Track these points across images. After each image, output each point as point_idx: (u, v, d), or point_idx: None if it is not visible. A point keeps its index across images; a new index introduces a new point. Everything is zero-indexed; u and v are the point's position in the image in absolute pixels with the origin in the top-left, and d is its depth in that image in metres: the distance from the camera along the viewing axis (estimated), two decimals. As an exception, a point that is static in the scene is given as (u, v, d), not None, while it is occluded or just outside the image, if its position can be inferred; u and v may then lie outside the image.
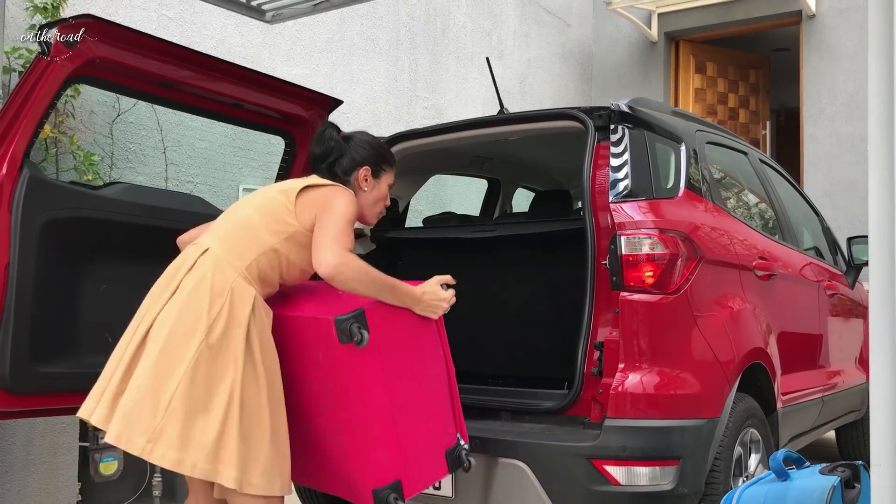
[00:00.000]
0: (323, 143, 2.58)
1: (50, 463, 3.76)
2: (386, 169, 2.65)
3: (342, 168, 2.56)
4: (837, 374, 4.29)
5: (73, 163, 4.03)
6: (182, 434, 2.15)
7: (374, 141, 2.67)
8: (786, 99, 10.62)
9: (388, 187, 2.66)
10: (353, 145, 2.59)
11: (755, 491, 2.32)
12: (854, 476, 2.31)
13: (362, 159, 2.58)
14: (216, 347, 2.21)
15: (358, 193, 2.54)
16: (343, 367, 2.29)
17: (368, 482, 2.33)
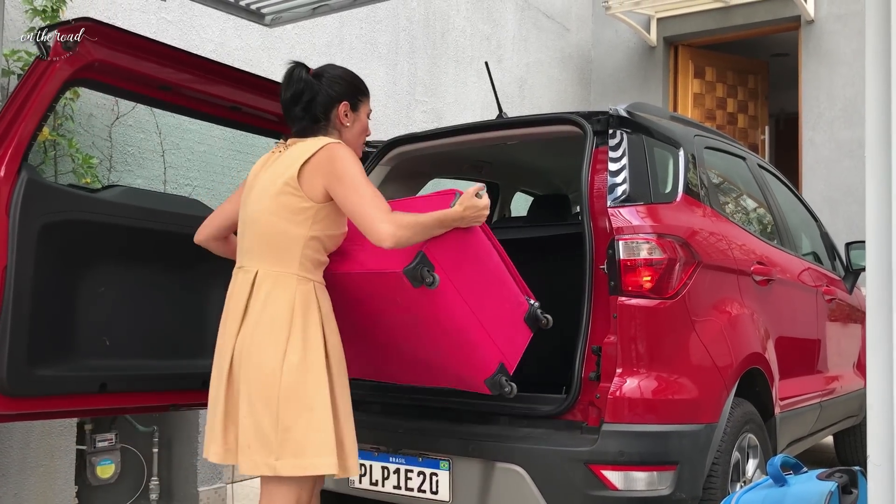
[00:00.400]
0: (292, 84, 2.50)
1: (47, 466, 3.76)
2: (362, 99, 2.59)
3: (319, 108, 2.49)
4: (835, 379, 4.29)
5: (72, 165, 4.03)
6: (300, 442, 2.28)
7: (346, 73, 2.58)
8: (785, 104, 10.64)
9: (368, 115, 2.63)
10: (325, 82, 2.51)
11: (753, 496, 2.32)
12: (851, 482, 2.31)
13: (338, 94, 2.51)
14: (303, 351, 2.31)
15: (341, 130, 2.52)
16: (423, 304, 2.45)
17: (478, 376, 2.55)
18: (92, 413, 3.32)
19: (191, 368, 3.13)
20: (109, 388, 2.87)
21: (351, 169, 2.34)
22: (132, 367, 2.97)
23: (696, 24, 8.59)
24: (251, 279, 2.40)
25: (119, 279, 2.97)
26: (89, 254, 2.88)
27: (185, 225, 3.08)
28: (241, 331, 2.37)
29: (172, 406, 3.15)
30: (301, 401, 2.29)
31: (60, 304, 2.79)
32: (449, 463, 2.86)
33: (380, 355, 2.79)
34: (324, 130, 2.49)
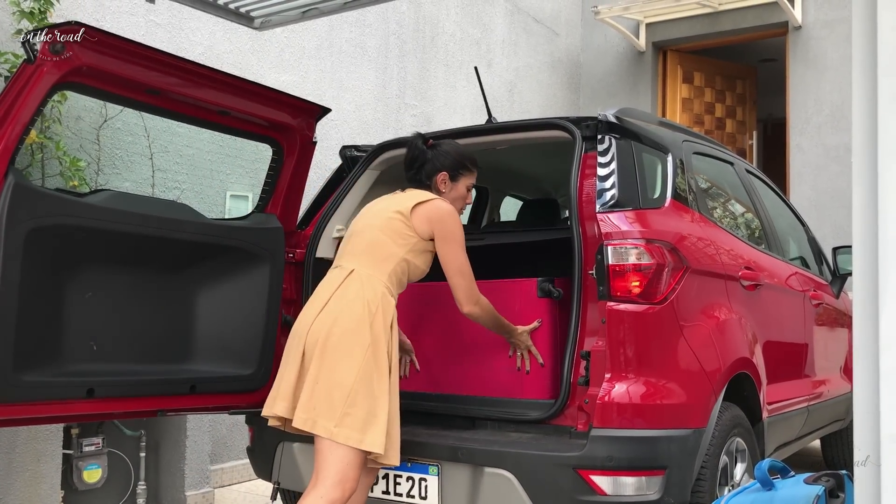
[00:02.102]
0: (410, 151, 3.06)
1: (33, 471, 3.74)
2: (463, 173, 3.06)
3: (425, 173, 3.02)
4: (822, 383, 4.31)
5: (60, 168, 4.01)
6: (364, 419, 2.63)
7: (454, 149, 3.07)
8: (772, 109, 10.69)
9: (467, 188, 3.08)
10: (435, 154, 3.03)
11: (741, 500, 2.33)
12: (838, 485, 2.31)
13: (441, 166, 3.01)
14: (374, 346, 2.71)
15: (440, 195, 3.00)
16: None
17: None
18: (79, 419, 3.30)
19: (179, 374, 3.12)
20: (97, 393, 2.86)
21: (459, 232, 2.90)
22: (120, 373, 2.95)
23: (685, 30, 8.63)
24: (344, 275, 2.82)
25: (107, 284, 2.95)
26: (76, 258, 2.86)
27: (173, 229, 3.07)
28: (321, 315, 2.74)
29: (160, 412, 3.13)
30: (370, 388, 2.66)
31: (47, 309, 2.77)
32: (438, 468, 2.86)
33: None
34: (428, 190, 3.01)
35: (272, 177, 3.47)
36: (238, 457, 5.02)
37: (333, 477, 2.60)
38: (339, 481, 2.60)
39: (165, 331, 3.12)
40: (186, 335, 3.19)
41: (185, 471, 4.30)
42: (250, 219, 3.40)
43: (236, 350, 3.27)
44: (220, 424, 4.90)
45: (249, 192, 5.19)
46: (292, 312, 3.46)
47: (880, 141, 1.47)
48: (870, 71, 1.50)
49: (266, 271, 3.32)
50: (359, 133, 6.09)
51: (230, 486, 4.93)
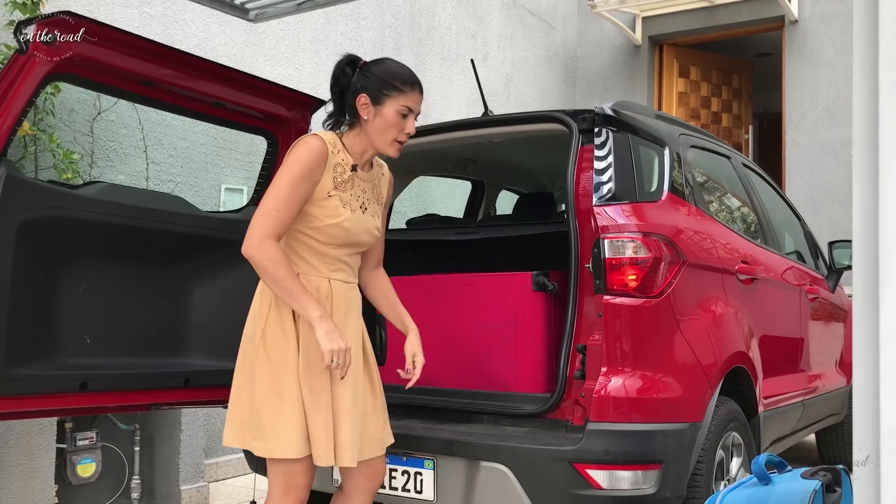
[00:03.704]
0: (333, 73, 2.52)
1: (26, 465, 3.72)
2: (389, 93, 2.45)
3: (347, 102, 2.49)
4: (818, 377, 4.31)
5: (53, 161, 3.99)
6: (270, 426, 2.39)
7: (380, 66, 2.50)
8: (768, 103, 10.69)
9: (399, 112, 2.46)
10: (358, 75, 2.48)
11: (737, 495, 2.32)
12: (835, 480, 2.31)
13: (361, 87, 2.46)
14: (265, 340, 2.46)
15: (364, 124, 2.48)
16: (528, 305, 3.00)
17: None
18: (72, 412, 3.28)
19: (173, 367, 3.11)
20: (90, 387, 2.84)
21: (290, 165, 2.37)
22: (113, 366, 2.94)
23: (681, 24, 8.61)
24: None
25: (100, 277, 2.93)
26: (70, 251, 2.84)
27: (168, 222, 3.05)
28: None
29: (154, 405, 3.12)
30: (270, 388, 2.40)
31: (40, 302, 2.75)
32: (433, 462, 2.85)
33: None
34: (350, 123, 2.52)
35: (267, 169, 3.45)
36: (233, 451, 5.01)
37: (278, 490, 2.44)
38: (283, 493, 2.43)
39: (159, 324, 3.11)
40: (180, 328, 3.17)
41: (179, 465, 4.28)
42: (245, 212, 3.38)
43: (230, 343, 3.25)
44: (214, 418, 4.89)
45: (244, 185, 5.16)
46: (287, 306, 3.45)
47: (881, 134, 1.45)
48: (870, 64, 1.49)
49: (261, 264, 3.30)
50: (354, 126, 6.06)
51: (225, 481, 4.92)
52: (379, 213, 2.61)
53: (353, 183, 2.49)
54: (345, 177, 2.47)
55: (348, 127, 2.52)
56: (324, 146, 2.41)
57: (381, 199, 2.63)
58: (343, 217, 2.43)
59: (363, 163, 2.54)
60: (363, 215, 2.50)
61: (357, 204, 2.49)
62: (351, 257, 2.54)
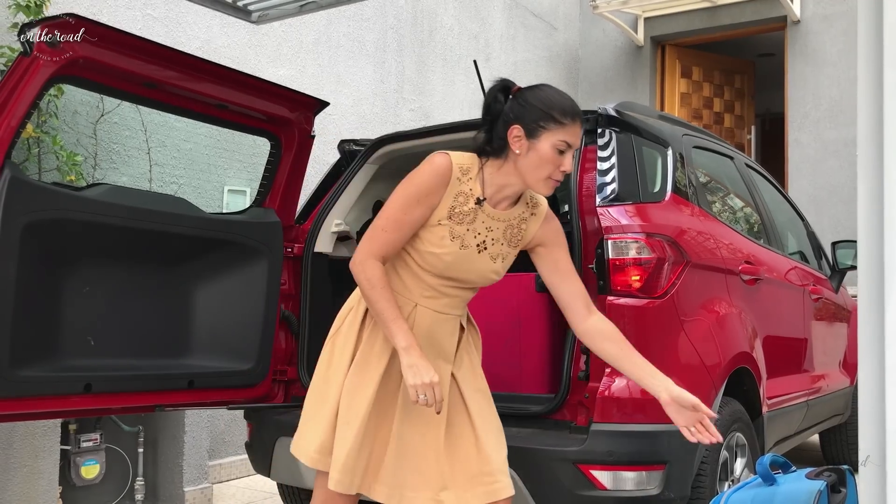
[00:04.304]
0: (486, 100, 2.26)
1: (31, 467, 3.72)
2: (546, 126, 2.14)
3: (496, 132, 2.21)
4: (822, 378, 4.30)
5: (56, 163, 3.99)
6: (301, 424, 2.33)
7: (537, 95, 2.19)
8: (771, 104, 10.68)
9: (556, 148, 2.14)
10: (512, 104, 2.20)
11: (742, 495, 2.32)
12: (840, 480, 2.31)
13: (513, 118, 2.17)
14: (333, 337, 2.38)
15: (514, 158, 2.18)
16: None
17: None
18: (76, 414, 3.29)
19: (176, 368, 3.10)
20: (94, 388, 2.84)
21: (409, 183, 2.19)
22: (117, 368, 2.94)
23: (683, 24, 8.61)
24: None
25: (104, 278, 2.93)
26: (73, 253, 2.84)
27: (171, 223, 3.05)
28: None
29: (158, 407, 3.12)
30: (319, 386, 2.30)
31: (44, 303, 2.75)
32: (437, 463, 2.84)
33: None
34: (497, 153, 2.22)
35: (270, 171, 3.45)
36: (236, 452, 5.01)
37: (315, 501, 2.33)
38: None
39: (163, 325, 3.11)
40: (184, 330, 3.17)
41: (183, 466, 4.29)
42: (248, 213, 3.38)
43: (234, 345, 3.26)
44: (218, 420, 4.89)
45: (247, 187, 5.17)
46: (290, 307, 3.45)
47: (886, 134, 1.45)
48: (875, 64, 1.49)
49: (264, 266, 3.31)
50: (357, 127, 6.07)
51: (228, 482, 4.92)
52: (508, 256, 2.30)
53: (474, 217, 2.21)
54: (465, 209, 2.20)
55: (494, 157, 2.22)
56: (448, 169, 2.18)
57: (518, 241, 2.30)
58: (445, 250, 2.20)
59: (500, 198, 2.24)
60: (477, 255, 2.23)
61: (473, 241, 2.22)
62: (454, 289, 2.27)
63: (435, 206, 2.19)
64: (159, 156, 4.69)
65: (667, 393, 2.15)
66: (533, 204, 2.31)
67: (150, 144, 4.64)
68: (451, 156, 2.21)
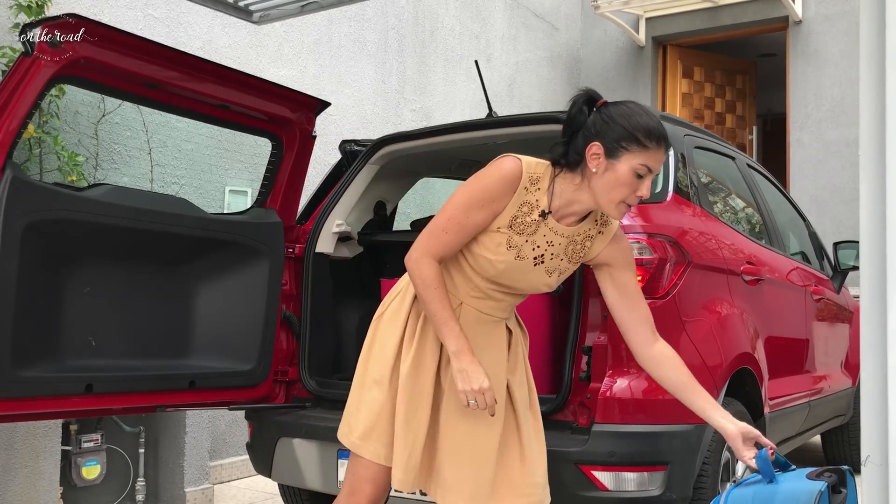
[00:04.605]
0: (569, 111, 2.16)
1: (32, 467, 3.72)
2: (629, 147, 2.03)
3: (574, 146, 2.11)
4: (824, 378, 4.30)
5: (58, 163, 3.99)
6: (347, 409, 2.31)
7: (623, 112, 2.08)
8: (772, 104, 10.67)
9: (635, 171, 2.04)
10: (595, 118, 2.10)
11: (743, 492, 2.31)
12: (840, 481, 2.30)
13: (594, 133, 2.07)
14: (377, 320, 2.35)
15: (590, 176, 2.09)
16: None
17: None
18: (77, 414, 3.29)
19: (177, 369, 3.10)
20: (95, 389, 2.84)
21: (470, 184, 2.12)
22: (118, 368, 2.94)
23: (685, 24, 8.61)
24: None
25: (105, 279, 2.93)
26: (75, 253, 2.84)
27: (172, 224, 3.05)
28: None
29: (159, 407, 3.12)
30: (358, 377, 2.28)
31: (45, 304, 2.75)
32: (438, 464, 2.84)
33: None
34: (572, 167, 2.13)
35: (271, 171, 3.45)
36: (237, 453, 5.01)
37: (345, 487, 2.29)
38: (347, 493, 2.27)
39: (164, 326, 3.11)
40: (185, 330, 3.17)
41: (184, 467, 4.29)
42: (249, 213, 3.38)
43: (236, 345, 3.26)
44: (219, 420, 4.89)
45: (248, 187, 5.17)
46: (292, 308, 3.45)
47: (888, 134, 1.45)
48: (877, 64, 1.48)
49: (265, 266, 3.31)
50: (358, 128, 6.07)
51: (229, 483, 4.92)
52: (565, 272, 2.24)
53: (535, 229, 2.14)
54: (528, 219, 2.13)
55: (568, 170, 2.14)
56: (518, 176, 2.10)
57: (580, 258, 2.24)
58: (500, 258, 2.14)
59: (567, 213, 2.16)
60: (533, 267, 2.17)
61: (531, 253, 2.15)
62: (501, 294, 2.23)
63: (498, 212, 2.11)
64: (161, 156, 4.69)
65: (735, 426, 2.15)
66: (602, 222, 2.23)
67: (152, 145, 4.64)
68: (523, 162, 2.12)
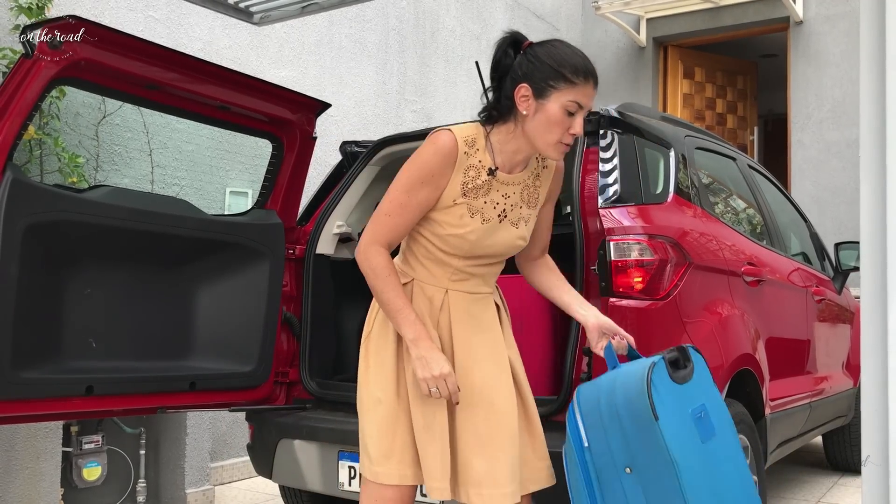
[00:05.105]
0: (494, 55, 2.11)
1: (32, 469, 3.72)
2: (555, 85, 2.01)
3: (503, 91, 2.09)
4: (825, 379, 4.29)
5: (58, 164, 4.00)
6: (363, 440, 2.17)
7: (549, 51, 2.05)
8: (773, 105, 10.67)
9: (565, 109, 2.02)
10: (521, 59, 2.06)
11: (589, 386, 2.27)
12: (684, 356, 2.24)
13: (521, 75, 2.04)
14: (366, 341, 2.21)
15: (522, 120, 2.08)
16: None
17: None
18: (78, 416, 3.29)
19: (178, 370, 3.10)
20: (96, 390, 2.84)
21: (407, 165, 2.07)
22: (119, 370, 2.94)
23: (686, 25, 8.60)
24: None
25: (105, 280, 2.93)
26: (75, 255, 2.84)
27: (173, 226, 3.05)
28: None
29: (159, 408, 3.12)
30: (367, 395, 2.16)
31: (45, 305, 2.75)
32: (439, 465, 2.83)
33: None
34: (504, 116, 2.11)
35: (272, 172, 3.45)
36: (238, 454, 5.01)
37: None
38: None
39: (165, 327, 3.11)
40: (186, 332, 3.17)
41: (185, 468, 4.29)
42: (250, 215, 3.38)
43: (236, 347, 3.26)
44: (220, 422, 4.89)
45: (249, 189, 5.17)
46: (292, 309, 3.45)
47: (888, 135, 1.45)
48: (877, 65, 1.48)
49: (266, 267, 3.31)
50: (359, 129, 6.07)
51: (230, 484, 4.92)
52: (530, 218, 2.21)
53: (489, 188, 2.11)
54: (478, 182, 2.10)
55: (502, 121, 2.12)
56: (454, 146, 2.07)
57: (536, 200, 2.22)
58: (468, 228, 2.10)
59: (513, 164, 2.15)
60: (499, 224, 2.14)
61: (493, 213, 2.13)
62: (481, 268, 2.19)
63: (443, 187, 2.08)
64: (161, 157, 4.69)
65: (595, 319, 2.24)
66: (541, 157, 2.22)
67: (152, 146, 4.64)
68: (455, 130, 2.09)
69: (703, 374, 2.26)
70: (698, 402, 2.18)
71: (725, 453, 2.18)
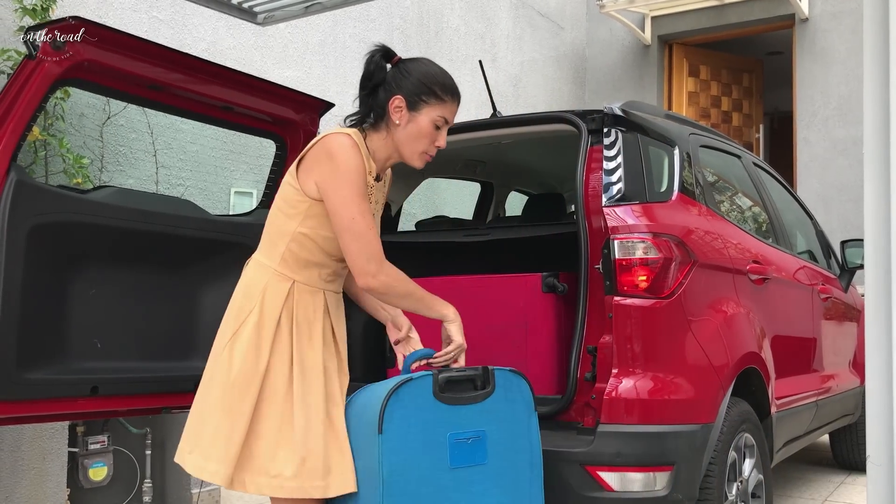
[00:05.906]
0: (366, 67, 2.24)
1: (38, 469, 3.73)
2: (428, 100, 2.20)
3: (377, 100, 2.23)
4: (831, 377, 4.28)
5: (63, 165, 4.00)
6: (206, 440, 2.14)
7: (420, 68, 2.24)
8: (779, 102, 10.64)
9: (434, 123, 2.22)
10: (394, 73, 2.23)
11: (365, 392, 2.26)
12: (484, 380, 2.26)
13: (395, 87, 2.20)
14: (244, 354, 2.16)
15: (393, 129, 2.23)
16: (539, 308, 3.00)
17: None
18: (83, 416, 3.30)
19: (183, 370, 3.11)
20: (101, 391, 2.85)
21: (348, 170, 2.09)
22: (124, 370, 2.94)
23: (691, 23, 8.58)
24: (246, 268, 2.30)
25: (110, 281, 2.94)
26: (80, 255, 2.85)
27: (177, 226, 3.05)
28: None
29: (165, 409, 3.12)
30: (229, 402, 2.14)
31: (50, 306, 2.76)
32: (444, 464, 2.83)
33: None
34: (377, 124, 2.25)
35: (276, 172, 3.45)
36: (244, 454, 5.00)
37: None
38: None
39: (169, 327, 3.11)
40: (191, 332, 3.18)
41: (190, 468, 4.29)
42: (254, 215, 3.38)
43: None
44: (225, 421, 4.89)
45: (254, 189, 5.17)
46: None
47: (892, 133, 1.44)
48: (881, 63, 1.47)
49: (270, 268, 3.30)
50: (363, 128, 6.06)
51: (236, 483, 4.92)
52: (377, 213, 2.35)
53: (371, 192, 2.22)
54: (370, 185, 2.21)
55: (373, 129, 2.25)
56: (358, 147, 2.14)
57: (384, 196, 2.40)
58: None
59: (383, 170, 2.30)
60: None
61: (375, 215, 2.27)
62: (345, 269, 2.30)
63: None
64: (166, 158, 4.70)
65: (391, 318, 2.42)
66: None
67: (157, 147, 4.65)
68: (351, 133, 2.16)
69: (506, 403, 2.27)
70: (473, 427, 2.19)
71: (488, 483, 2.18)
